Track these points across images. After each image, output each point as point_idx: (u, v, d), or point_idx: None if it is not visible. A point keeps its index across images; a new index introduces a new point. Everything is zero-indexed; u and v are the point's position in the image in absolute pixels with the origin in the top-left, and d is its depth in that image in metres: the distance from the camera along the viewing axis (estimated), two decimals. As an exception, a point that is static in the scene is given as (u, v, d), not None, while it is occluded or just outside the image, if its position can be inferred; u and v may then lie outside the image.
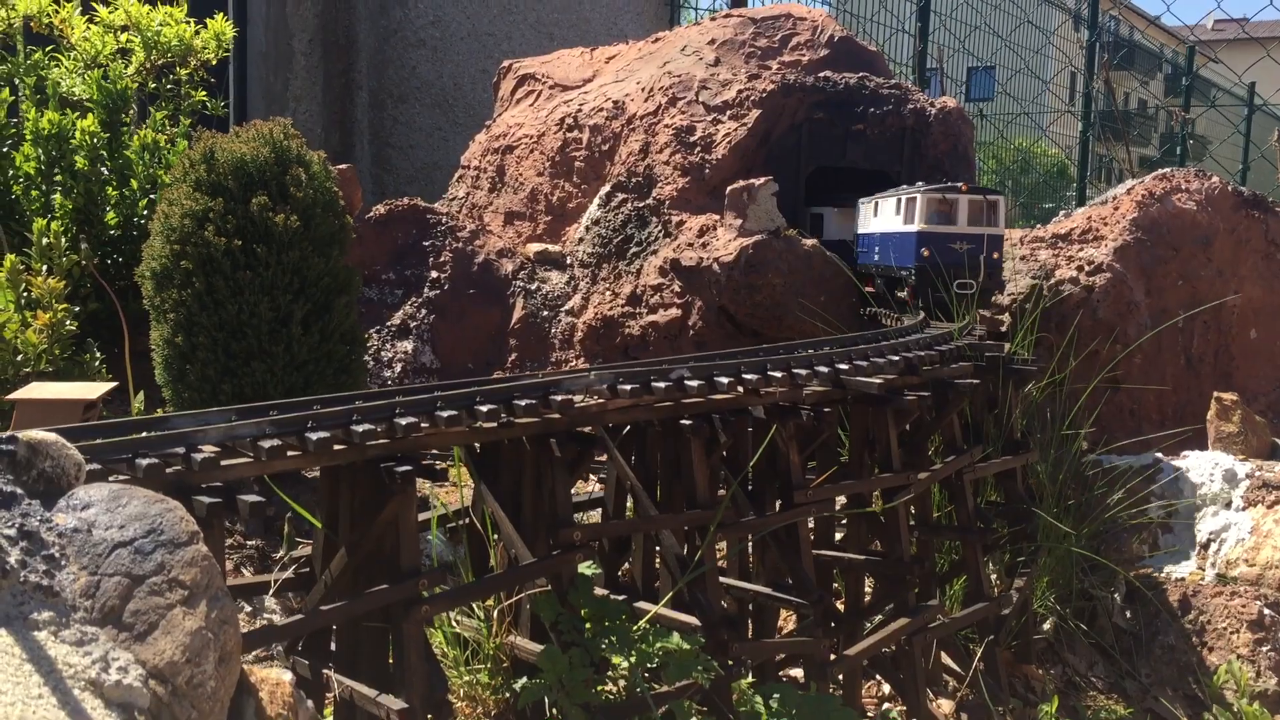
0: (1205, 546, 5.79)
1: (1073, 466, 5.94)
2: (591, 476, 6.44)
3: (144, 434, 2.86)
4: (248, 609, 4.73)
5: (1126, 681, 5.40)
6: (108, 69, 7.58)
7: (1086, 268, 7.02)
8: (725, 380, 4.00)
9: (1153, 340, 7.01)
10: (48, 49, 7.98)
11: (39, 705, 1.99)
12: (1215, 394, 6.38)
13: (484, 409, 3.42)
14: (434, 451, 3.45)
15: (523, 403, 3.51)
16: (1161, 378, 7.14)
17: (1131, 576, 5.69)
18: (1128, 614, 5.64)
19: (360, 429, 3.16)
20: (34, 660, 2.07)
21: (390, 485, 3.20)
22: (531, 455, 3.74)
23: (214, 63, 8.46)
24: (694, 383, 3.90)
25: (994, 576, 5.55)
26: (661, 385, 3.84)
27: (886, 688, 5.11)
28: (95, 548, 2.26)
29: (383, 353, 7.77)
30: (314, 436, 3.09)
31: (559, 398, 3.59)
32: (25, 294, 5.85)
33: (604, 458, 4.68)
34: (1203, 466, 6.04)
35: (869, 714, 4.88)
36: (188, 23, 8.14)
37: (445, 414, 3.34)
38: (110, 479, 2.68)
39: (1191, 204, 7.55)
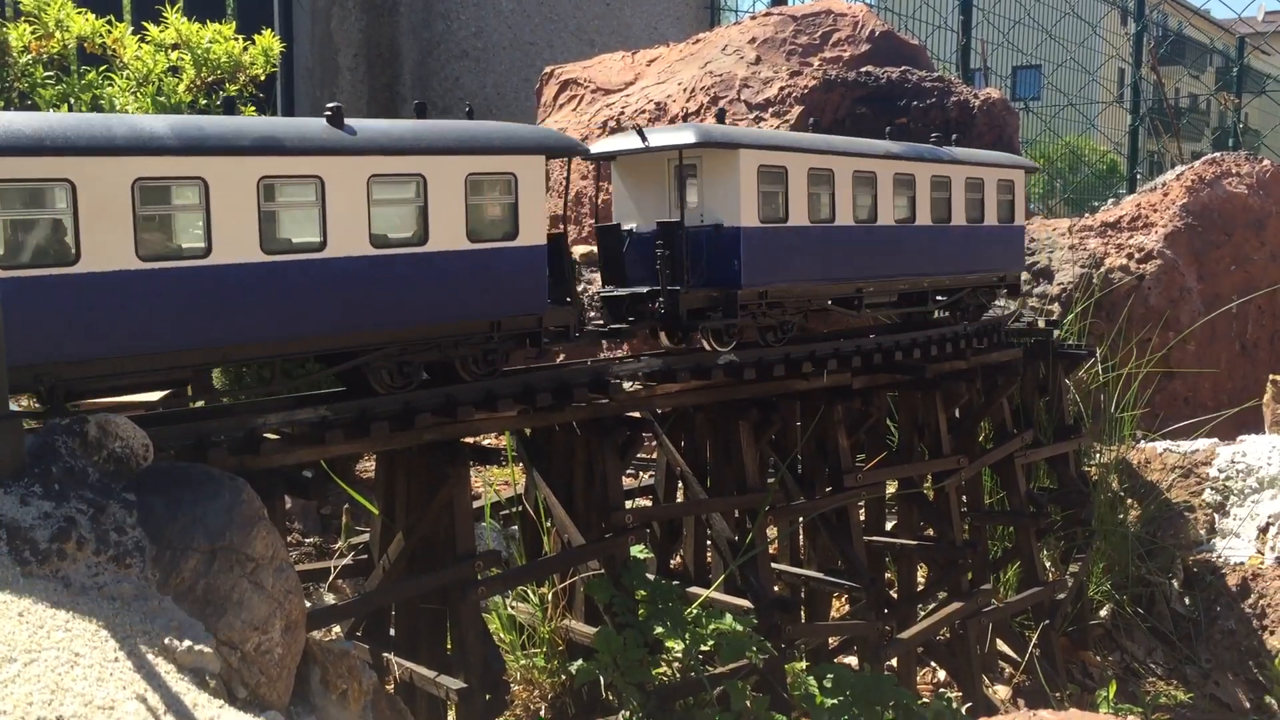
0: (1264, 530, 5.70)
1: (1127, 452, 5.89)
2: (642, 474, 6.46)
3: (210, 420, 2.94)
4: (307, 604, 4.82)
5: (1186, 667, 5.33)
6: (161, 85, 7.76)
7: (1137, 255, 6.95)
8: (773, 364, 4.03)
9: (1206, 326, 6.94)
10: (101, 68, 8.18)
11: (116, 669, 2.06)
12: (1271, 376, 6.30)
13: (536, 394, 3.48)
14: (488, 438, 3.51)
15: (574, 388, 3.57)
16: (1216, 364, 7.05)
17: (1189, 561, 5.63)
18: (1186, 599, 5.57)
19: (416, 414, 3.22)
20: (110, 628, 2.14)
21: (445, 469, 3.27)
22: (582, 441, 3.79)
23: (263, 78, 8.62)
24: (743, 368, 3.93)
25: (1048, 562, 5.51)
26: (710, 370, 3.88)
27: (942, 674, 5.09)
28: (164, 522, 2.33)
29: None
30: (372, 422, 3.16)
31: (610, 382, 3.63)
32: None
33: (653, 455, 4.72)
34: (1260, 450, 5.95)
35: (924, 700, 4.87)
36: (236, 39, 8.31)
37: (498, 399, 3.40)
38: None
39: (1243, 188, 7.45)
